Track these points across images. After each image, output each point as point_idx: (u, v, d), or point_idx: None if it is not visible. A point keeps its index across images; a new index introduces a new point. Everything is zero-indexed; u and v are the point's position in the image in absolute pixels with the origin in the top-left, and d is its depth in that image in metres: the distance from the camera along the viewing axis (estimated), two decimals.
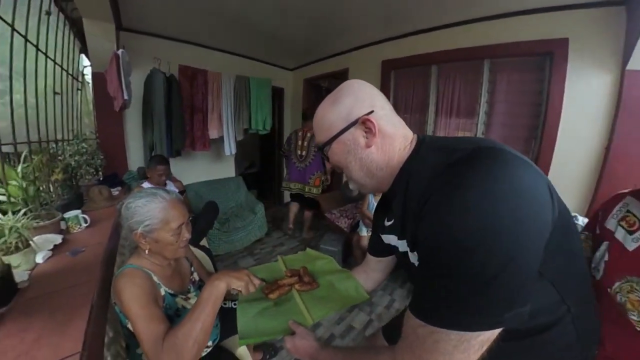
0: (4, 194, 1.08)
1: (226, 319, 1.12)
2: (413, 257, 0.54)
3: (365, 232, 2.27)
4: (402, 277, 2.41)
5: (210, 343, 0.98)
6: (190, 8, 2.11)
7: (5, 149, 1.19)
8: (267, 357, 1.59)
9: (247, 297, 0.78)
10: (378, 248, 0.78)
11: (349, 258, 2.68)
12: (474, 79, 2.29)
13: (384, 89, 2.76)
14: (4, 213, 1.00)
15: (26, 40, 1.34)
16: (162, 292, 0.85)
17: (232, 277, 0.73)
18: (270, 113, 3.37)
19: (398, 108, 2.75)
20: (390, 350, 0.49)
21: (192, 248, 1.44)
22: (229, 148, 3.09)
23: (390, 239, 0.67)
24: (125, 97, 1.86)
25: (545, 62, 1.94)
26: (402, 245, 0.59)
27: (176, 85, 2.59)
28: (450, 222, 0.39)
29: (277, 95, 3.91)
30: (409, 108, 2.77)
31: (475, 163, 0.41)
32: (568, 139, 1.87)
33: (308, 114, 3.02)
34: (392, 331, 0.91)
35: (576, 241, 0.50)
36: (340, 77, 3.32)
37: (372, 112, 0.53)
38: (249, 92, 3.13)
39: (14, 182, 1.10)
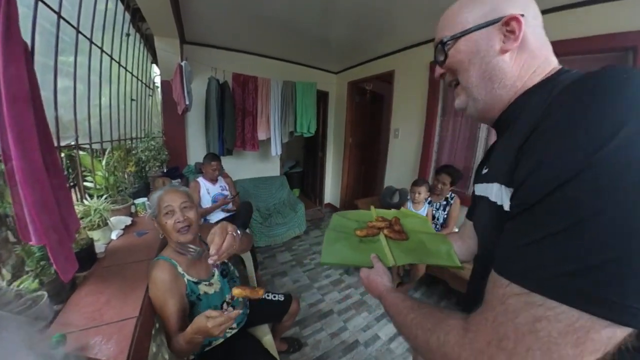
0: (92, 182, 1.33)
1: (256, 308, 1.22)
2: (507, 201, 0.41)
3: None
4: (438, 294, 2.29)
5: (234, 325, 1.09)
6: (242, 19, 2.30)
7: (94, 146, 1.47)
8: (291, 350, 1.66)
9: (336, 227, 0.82)
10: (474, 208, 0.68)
11: None
12: None
13: (433, 92, 2.63)
14: (91, 197, 1.24)
15: (111, 58, 1.64)
16: (185, 281, 0.97)
17: (210, 332, 0.76)
18: (315, 116, 3.48)
19: (449, 112, 2.60)
20: (463, 319, 0.36)
21: None
22: (276, 149, 3.29)
23: (481, 188, 0.56)
24: (187, 102, 2.12)
25: (626, 60, 1.65)
26: (494, 190, 0.47)
27: (228, 91, 2.86)
28: (575, 143, 0.28)
29: (322, 98, 4.01)
30: (460, 112, 2.58)
31: (625, 74, 0.29)
32: None
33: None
34: None
35: None
36: (385, 79, 3.26)
37: (522, 15, 0.43)
38: (295, 97, 3.28)
39: (99, 173, 1.36)
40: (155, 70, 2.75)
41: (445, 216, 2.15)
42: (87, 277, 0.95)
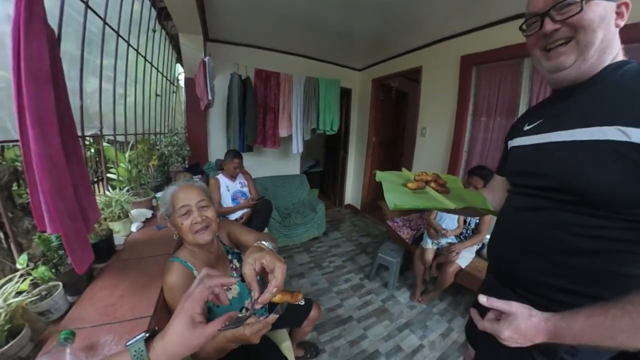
0: (114, 174, 1.33)
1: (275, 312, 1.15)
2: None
3: (430, 245, 2.07)
4: (466, 303, 2.12)
5: None
6: (265, 16, 2.27)
7: (119, 138, 1.48)
8: (308, 355, 1.59)
9: (388, 177, 0.85)
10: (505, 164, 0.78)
11: (407, 272, 2.50)
12: None
13: (464, 87, 2.47)
14: (113, 188, 1.23)
15: (137, 52, 1.65)
16: None
17: (249, 340, 0.68)
18: (338, 114, 3.39)
19: (480, 110, 2.43)
20: None
21: None
22: (297, 147, 3.23)
23: (533, 138, 0.64)
24: (209, 97, 2.11)
25: None
26: (612, 131, 0.48)
27: (251, 86, 2.83)
28: None
29: (345, 96, 3.91)
30: (493, 110, 2.40)
31: None
32: None
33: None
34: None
35: None
36: (411, 76, 3.12)
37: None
38: (318, 93, 3.20)
39: (122, 165, 1.35)
40: (180, 69, 2.79)
41: (477, 221, 1.99)
42: (104, 269, 0.93)
